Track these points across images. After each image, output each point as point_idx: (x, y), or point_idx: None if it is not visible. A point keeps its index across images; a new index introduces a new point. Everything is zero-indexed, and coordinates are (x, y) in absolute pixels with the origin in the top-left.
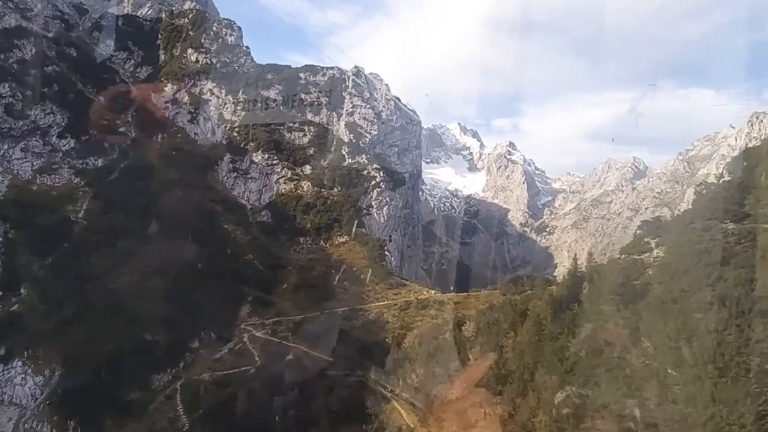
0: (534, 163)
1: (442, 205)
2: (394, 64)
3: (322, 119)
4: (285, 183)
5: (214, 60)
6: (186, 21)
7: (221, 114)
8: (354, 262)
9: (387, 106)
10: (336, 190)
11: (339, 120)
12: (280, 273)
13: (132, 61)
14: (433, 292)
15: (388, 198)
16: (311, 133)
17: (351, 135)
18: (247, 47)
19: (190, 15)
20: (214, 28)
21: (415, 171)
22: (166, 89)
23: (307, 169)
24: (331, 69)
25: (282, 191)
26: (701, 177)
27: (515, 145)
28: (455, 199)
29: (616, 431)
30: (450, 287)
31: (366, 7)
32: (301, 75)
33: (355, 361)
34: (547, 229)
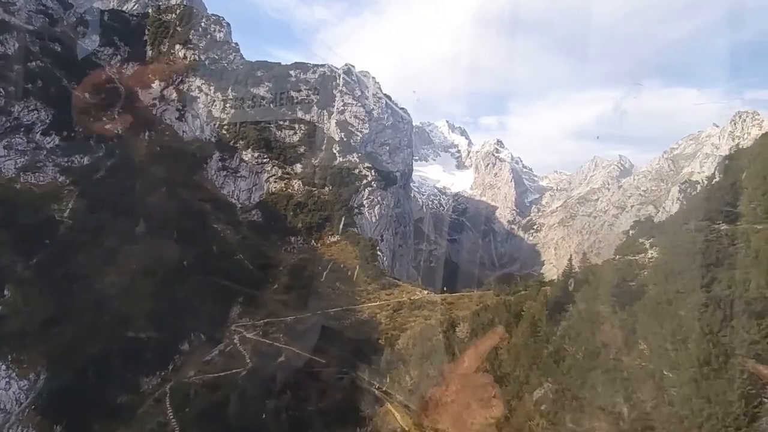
0: (521, 161)
1: (430, 203)
2: (381, 61)
3: (312, 117)
4: (275, 182)
5: (202, 56)
6: (173, 17)
7: (210, 111)
8: (346, 261)
9: (378, 104)
10: (327, 189)
11: (330, 118)
12: (270, 273)
13: (118, 57)
14: (426, 292)
15: (379, 197)
16: (302, 132)
17: (342, 133)
18: (236, 44)
19: (177, 11)
20: (202, 24)
21: (407, 170)
22: (153, 86)
23: (298, 168)
24: (322, 66)
25: (272, 190)
26: (685, 175)
27: (503, 143)
28: (443, 197)
29: None
30: (438, 285)
31: (353, 4)
32: (291, 72)
33: (348, 363)
34: (535, 227)
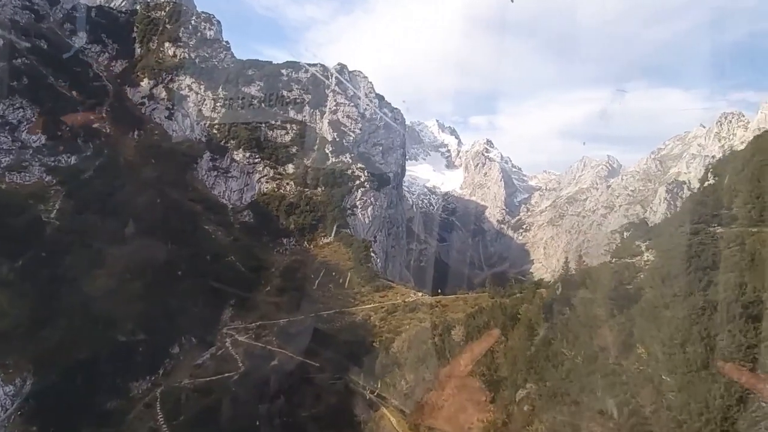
0: (511, 161)
1: (420, 203)
2: (372, 60)
3: (304, 117)
4: (267, 182)
5: (192, 55)
6: (163, 14)
7: (200, 110)
8: (339, 263)
9: (371, 104)
10: (320, 189)
11: (322, 118)
12: (263, 275)
13: (106, 55)
14: (421, 294)
15: (372, 198)
16: (293, 132)
17: (334, 133)
18: (227, 42)
19: (166, 8)
20: (192, 21)
21: (399, 170)
22: (142, 84)
23: (290, 168)
24: (314, 66)
25: (264, 191)
26: (672, 175)
27: (492, 143)
28: (433, 197)
29: None
30: (428, 284)
31: (344, 3)
32: (283, 71)
33: (343, 367)
34: (524, 226)
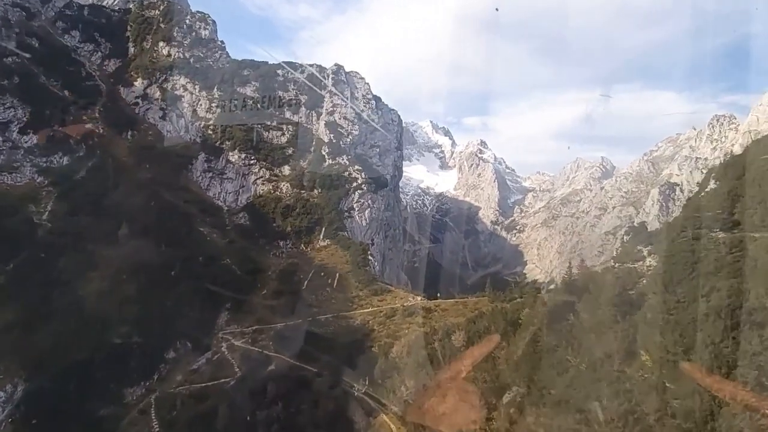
0: (504, 162)
1: (414, 203)
2: (366, 60)
3: (300, 118)
4: (263, 184)
5: (187, 54)
6: (157, 13)
7: (195, 111)
8: (337, 266)
9: (368, 105)
10: (316, 192)
11: (318, 119)
12: (259, 278)
13: (99, 54)
14: (419, 298)
15: (370, 200)
16: (290, 133)
17: (331, 135)
18: (222, 42)
19: (161, 6)
20: (186, 21)
21: (396, 172)
22: (136, 84)
23: (286, 170)
24: (310, 66)
25: (260, 193)
26: (665, 177)
27: (486, 144)
28: (427, 197)
29: None
30: (422, 285)
31: (338, 2)
32: (279, 72)
33: (341, 372)
34: (518, 227)
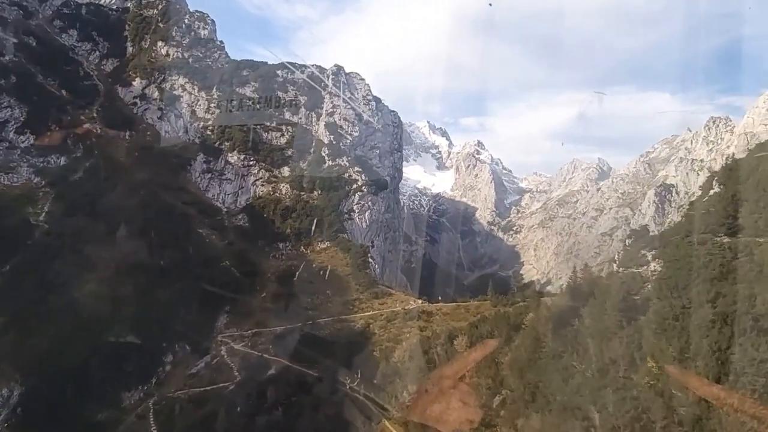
0: (501, 163)
1: (411, 204)
2: (363, 60)
3: (300, 119)
4: (262, 185)
5: (186, 54)
6: (155, 12)
7: (194, 111)
8: (337, 269)
9: (368, 106)
10: (316, 193)
11: (318, 120)
12: (258, 280)
13: (97, 53)
14: (421, 301)
15: (370, 202)
16: (289, 134)
17: (331, 136)
18: (221, 42)
19: (159, 6)
20: (185, 20)
21: (396, 174)
22: (134, 84)
23: (286, 171)
24: (310, 67)
25: (259, 194)
26: (661, 179)
27: (483, 144)
28: (424, 198)
29: None
30: (417, 285)
31: (336, 2)
32: (279, 72)
33: (342, 376)
34: (514, 228)
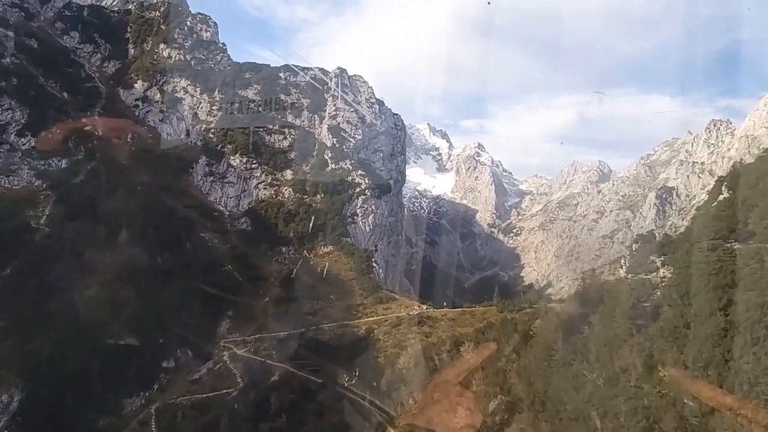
0: (501, 165)
1: (411, 206)
2: (363, 62)
3: (303, 122)
4: (265, 188)
5: (188, 56)
6: (157, 14)
7: (196, 114)
8: (340, 273)
9: (371, 109)
10: (319, 197)
11: (321, 123)
12: (261, 285)
13: (98, 55)
14: (425, 307)
15: (373, 206)
16: (292, 137)
17: (334, 139)
18: (224, 44)
19: (161, 8)
20: (188, 22)
21: (400, 177)
22: (136, 86)
23: (288, 175)
24: (313, 69)
25: (262, 197)
26: (661, 181)
27: (483, 147)
28: (424, 200)
29: None
30: (417, 287)
31: (335, 4)
32: (281, 75)
33: (346, 383)
34: (515, 230)
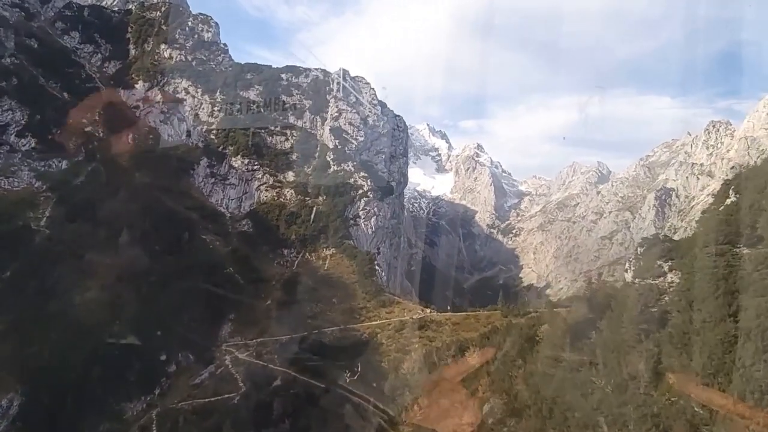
0: (501, 166)
1: (410, 206)
2: (363, 62)
3: (305, 123)
4: (266, 190)
5: (189, 57)
6: (158, 14)
7: (197, 115)
8: (343, 276)
9: (374, 110)
10: (321, 199)
11: (323, 125)
12: (263, 287)
13: (99, 55)
14: (429, 311)
15: (376, 208)
16: (294, 138)
17: (336, 141)
18: (225, 45)
19: (162, 8)
20: (189, 23)
21: (402, 179)
22: (136, 87)
23: (290, 176)
24: (315, 70)
25: (263, 199)
26: (661, 182)
27: (483, 147)
28: (423, 200)
29: None
30: (417, 288)
31: (335, 4)
32: (283, 76)
33: (350, 388)
34: (514, 231)
